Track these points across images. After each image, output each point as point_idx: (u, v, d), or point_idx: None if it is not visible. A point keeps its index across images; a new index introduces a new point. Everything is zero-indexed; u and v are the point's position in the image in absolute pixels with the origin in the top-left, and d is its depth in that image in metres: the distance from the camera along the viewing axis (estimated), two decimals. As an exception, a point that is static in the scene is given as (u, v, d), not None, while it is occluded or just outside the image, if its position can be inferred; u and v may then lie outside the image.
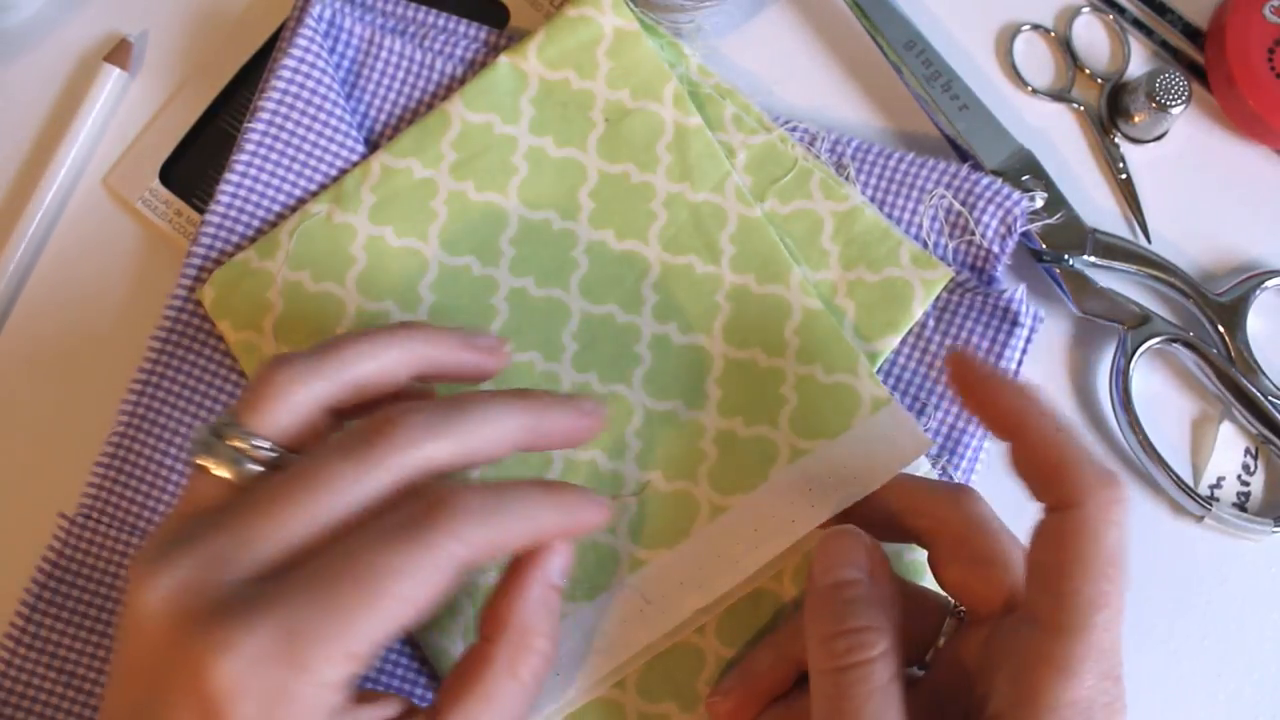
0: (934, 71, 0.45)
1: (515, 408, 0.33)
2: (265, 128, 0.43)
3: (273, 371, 0.32)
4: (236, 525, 0.30)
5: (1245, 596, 0.44)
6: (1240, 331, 0.45)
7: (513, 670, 0.33)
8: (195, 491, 0.32)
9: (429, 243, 0.43)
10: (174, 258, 0.45)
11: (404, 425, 0.31)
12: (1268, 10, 0.46)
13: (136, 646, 0.30)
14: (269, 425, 0.32)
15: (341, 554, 0.30)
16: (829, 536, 0.37)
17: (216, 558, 0.30)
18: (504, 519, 0.31)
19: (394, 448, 0.31)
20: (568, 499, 0.34)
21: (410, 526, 0.30)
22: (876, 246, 0.43)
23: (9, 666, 0.40)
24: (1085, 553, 0.32)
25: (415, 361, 0.34)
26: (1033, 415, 0.34)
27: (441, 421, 0.32)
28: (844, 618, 0.34)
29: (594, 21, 0.44)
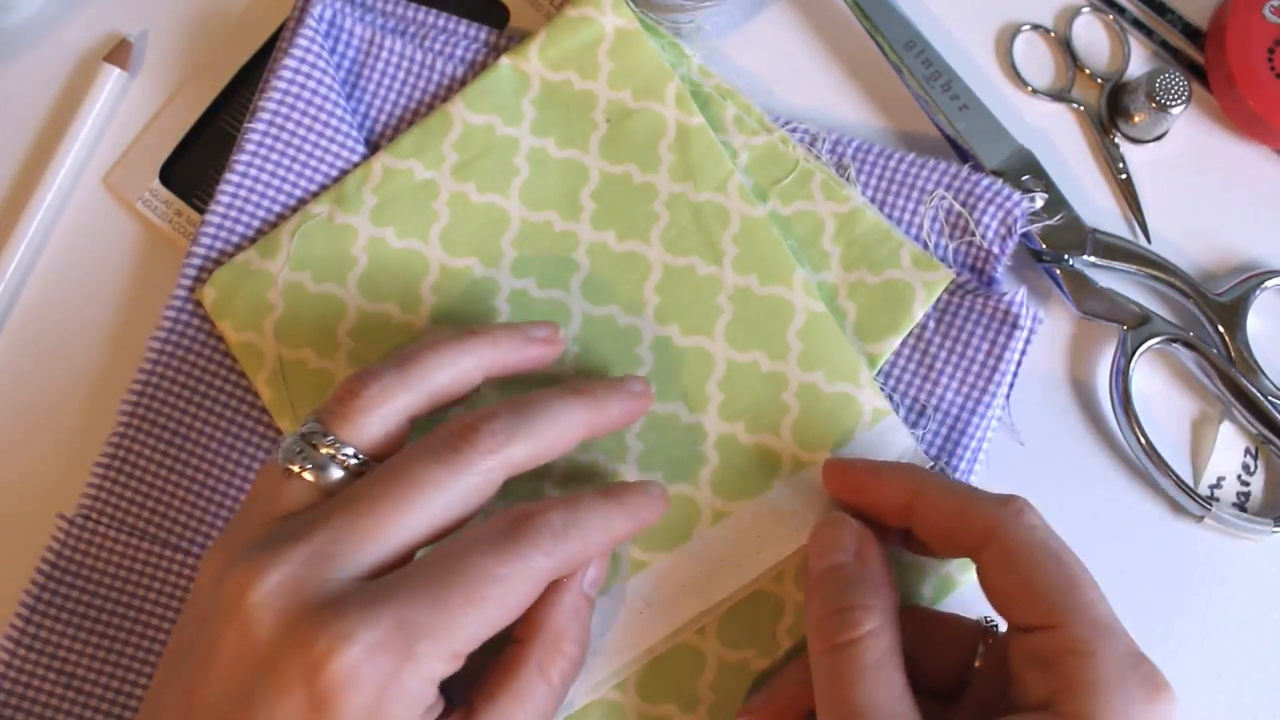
0: (934, 71, 0.45)
1: (578, 405, 0.37)
2: (266, 128, 0.43)
3: (360, 384, 0.35)
4: (339, 523, 0.32)
5: (1245, 596, 0.44)
6: (1240, 331, 0.45)
7: (544, 672, 0.35)
8: (274, 492, 0.34)
9: (430, 244, 0.43)
10: (174, 258, 0.45)
11: (486, 432, 0.34)
12: (1268, 10, 0.46)
13: (239, 635, 0.31)
14: (358, 435, 0.35)
15: (446, 558, 0.32)
16: (817, 527, 0.38)
17: (323, 554, 0.32)
18: (584, 533, 0.34)
19: (479, 453, 0.34)
20: (632, 502, 0.36)
21: (507, 540, 0.33)
22: (878, 248, 0.43)
23: (8, 668, 0.40)
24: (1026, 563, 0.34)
25: (486, 366, 0.37)
26: (923, 479, 0.37)
27: (520, 426, 0.35)
28: (835, 598, 0.35)
29: (595, 22, 0.44)
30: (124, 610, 0.41)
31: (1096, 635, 0.32)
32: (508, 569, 0.32)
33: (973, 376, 0.42)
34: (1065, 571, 0.34)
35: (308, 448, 0.34)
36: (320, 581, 0.31)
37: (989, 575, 0.35)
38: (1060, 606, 0.33)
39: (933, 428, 0.42)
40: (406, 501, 0.33)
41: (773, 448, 0.41)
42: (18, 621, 0.40)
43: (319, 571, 0.32)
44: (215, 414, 0.42)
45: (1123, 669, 0.32)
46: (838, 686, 0.34)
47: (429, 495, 0.33)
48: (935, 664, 0.38)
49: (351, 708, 0.30)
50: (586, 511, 0.35)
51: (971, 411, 0.42)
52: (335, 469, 0.34)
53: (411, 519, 0.33)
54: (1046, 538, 0.34)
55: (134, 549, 0.41)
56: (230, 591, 0.31)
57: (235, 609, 0.31)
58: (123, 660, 0.41)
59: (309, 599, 0.31)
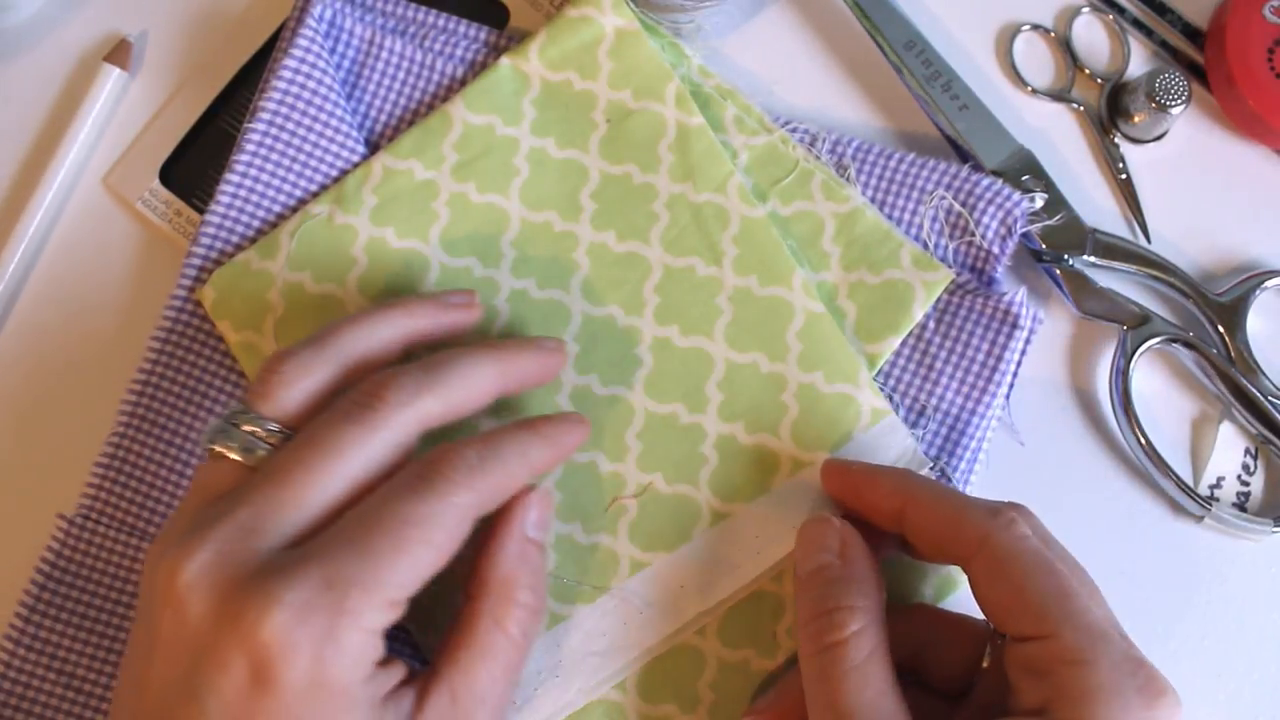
0: (934, 71, 0.45)
1: (487, 359, 0.37)
2: (265, 128, 0.43)
3: (279, 362, 0.35)
4: (259, 497, 0.32)
5: (1245, 596, 0.44)
6: (1240, 331, 0.45)
7: (499, 624, 0.35)
8: (207, 479, 0.34)
9: (430, 244, 0.43)
10: (174, 258, 0.45)
11: (395, 387, 0.34)
12: (1268, 10, 0.46)
13: (175, 621, 0.31)
14: (279, 410, 0.34)
15: (367, 510, 0.32)
16: (803, 527, 0.38)
17: (246, 528, 0.32)
18: (503, 465, 0.34)
19: (390, 407, 0.34)
20: (550, 431, 0.37)
21: (422, 481, 0.33)
22: (877, 248, 0.43)
23: (8, 668, 0.40)
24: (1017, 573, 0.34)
25: (404, 335, 0.37)
26: (916, 486, 0.37)
27: (428, 380, 0.35)
28: (821, 599, 0.35)
29: (595, 22, 0.44)
30: (124, 610, 0.41)
31: (1091, 643, 0.32)
32: (428, 508, 0.32)
33: (973, 377, 0.42)
34: (1057, 580, 0.34)
35: (230, 428, 0.34)
36: (246, 555, 0.31)
37: (980, 585, 0.35)
38: (1053, 616, 0.33)
39: (933, 428, 0.42)
40: (322, 465, 0.33)
41: (772, 449, 0.41)
42: (17, 621, 0.41)
43: (244, 545, 0.31)
44: (215, 414, 0.42)
45: (1119, 676, 0.32)
46: (825, 688, 0.34)
47: (345, 455, 0.33)
48: (943, 664, 0.38)
49: (292, 672, 0.30)
50: (502, 443, 0.35)
51: (971, 412, 0.42)
52: (259, 445, 0.34)
53: (329, 481, 0.33)
54: (1038, 547, 0.34)
55: (134, 549, 0.41)
56: (162, 579, 0.32)
57: (168, 595, 0.31)
58: (122, 660, 0.41)
59: (235, 573, 0.31)
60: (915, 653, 0.38)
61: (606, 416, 0.42)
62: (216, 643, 0.30)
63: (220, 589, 0.31)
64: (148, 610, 0.33)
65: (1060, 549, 0.35)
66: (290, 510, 0.32)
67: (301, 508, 0.32)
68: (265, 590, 0.30)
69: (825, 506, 0.40)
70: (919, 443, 0.42)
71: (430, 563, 0.32)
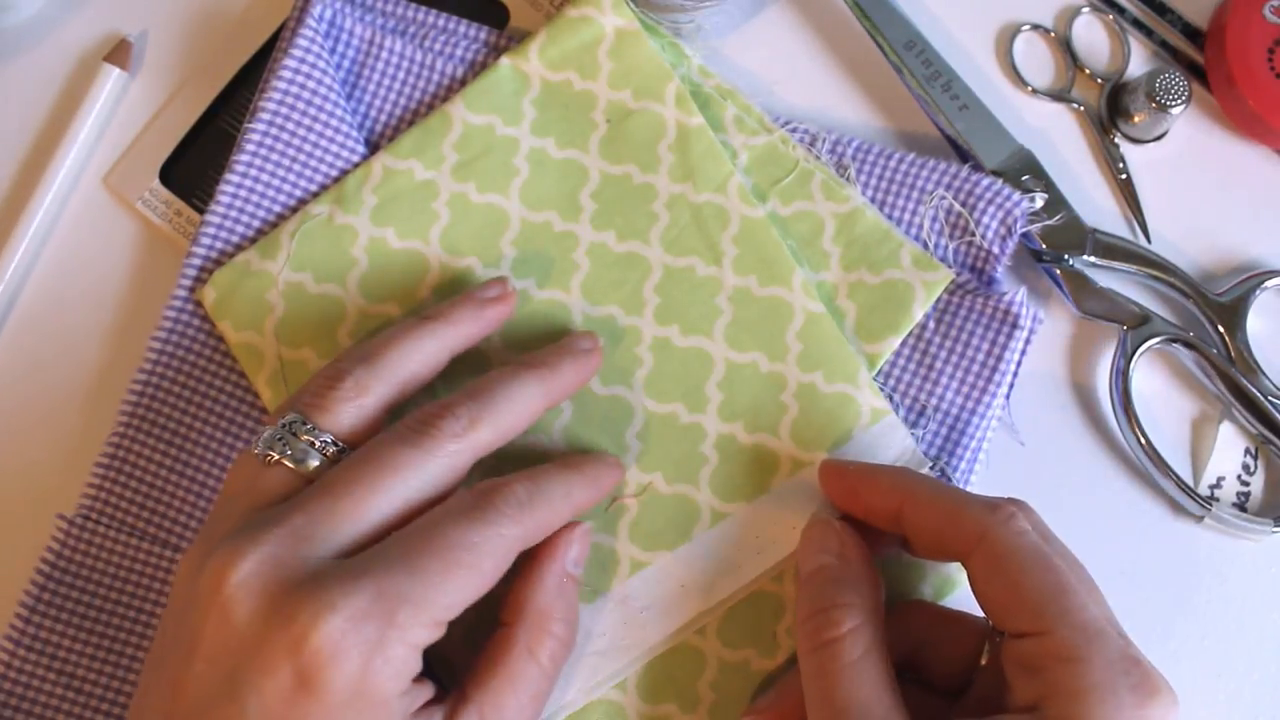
0: (934, 71, 0.45)
1: (532, 379, 0.38)
2: (265, 128, 0.43)
3: (337, 379, 0.36)
4: (315, 506, 0.33)
5: (1245, 596, 0.44)
6: (1240, 331, 0.45)
7: (532, 652, 0.36)
8: (257, 484, 0.35)
9: (431, 244, 0.43)
10: (174, 258, 0.45)
11: (452, 419, 0.35)
12: (1268, 10, 0.46)
13: (220, 621, 0.31)
14: (336, 424, 0.36)
15: (420, 530, 0.33)
16: (805, 529, 0.39)
17: (300, 535, 0.32)
18: (549, 501, 0.36)
19: (447, 438, 0.35)
20: (591, 471, 0.38)
21: (475, 511, 0.34)
22: (877, 248, 0.43)
23: (8, 668, 0.40)
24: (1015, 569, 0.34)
25: (450, 346, 0.39)
26: (914, 484, 0.37)
27: (481, 412, 0.36)
28: (817, 597, 0.36)
29: (595, 22, 0.44)
30: (124, 610, 0.41)
31: (1087, 641, 0.32)
32: (478, 536, 0.33)
33: (973, 376, 0.42)
34: (1054, 576, 0.34)
35: (289, 436, 0.35)
36: (298, 561, 0.32)
37: (978, 581, 0.35)
38: (1049, 613, 0.33)
39: (933, 428, 0.42)
40: (380, 484, 0.34)
41: (771, 448, 0.41)
42: (17, 622, 0.40)
43: (296, 552, 0.32)
44: (215, 414, 0.42)
45: (1113, 674, 0.32)
46: (822, 685, 0.34)
47: (401, 477, 0.34)
48: (941, 661, 0.38)
49: (339, 678, 0.30)
50: (548, 481, 0.36)
51: (972, 411, 0.42)
52: (315, 456, 0.35)
53: (384, 500, 0.34)
54: (1037, 543, 0.34)
55: (134, 549, 0.41)
56: (208, 580, 0.32)
57: (214, 596, 0.31)
58: (122, 660, 0.41)
59: (287, 578, 0.31)
60: (914, 650, 0.38)
61: (607, 416, 0.42)
62: (264, 645, 0.31)
63: (271, 592, 0.31)
64: (187, 609, 0.33)
65: (1060, 545, 0.35)
66: (345, 522, 0.33)
67: (355, 521, 0.33)
68: (318, 596, 0.31)
69: (825, 506, 0.40)
70: (919, 443, 0.42)
71: (476, 589, 0.33)
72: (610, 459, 0.40)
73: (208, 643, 0.31)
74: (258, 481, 0.35)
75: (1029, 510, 0.36)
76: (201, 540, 0.34)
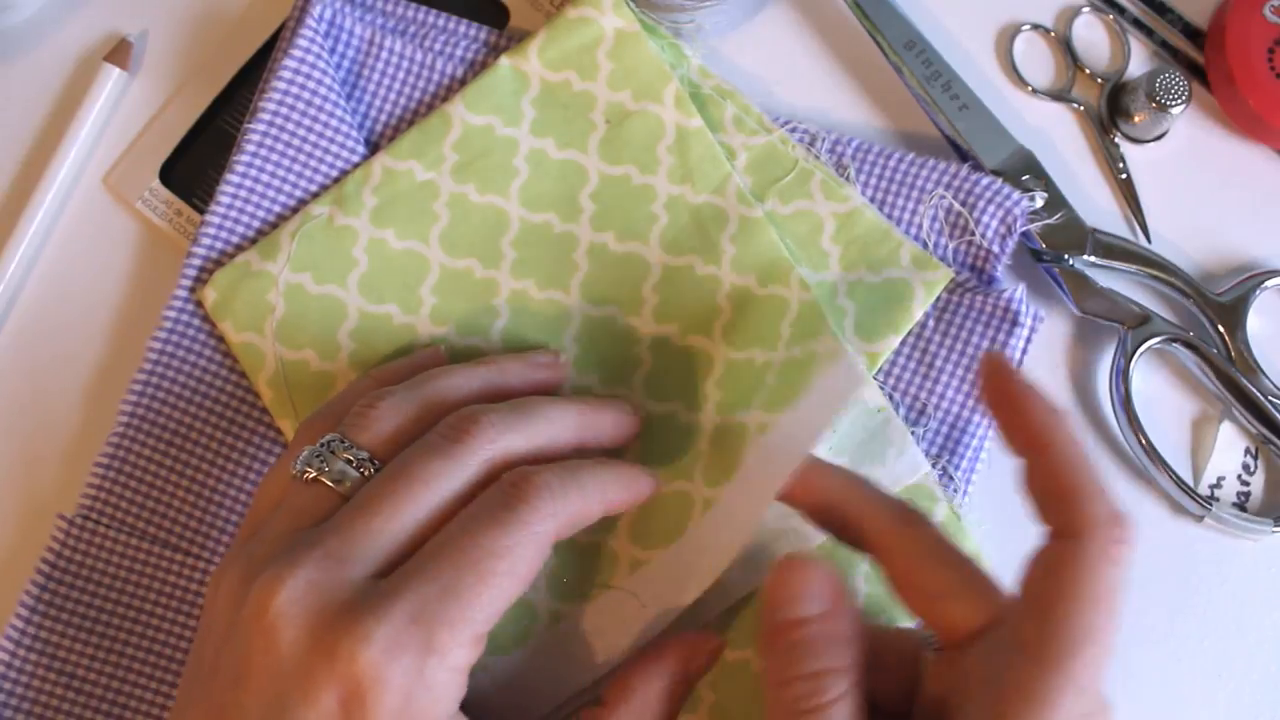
0: (934, 71, 0.45)
1: (572, 409, 0.38)
2: (265, 128, 0.43)
3: (377, 399, 0.36)
4: (349, 526, 0.33)
5: (1245, 596, 0.44)
6: (1240, 331, 0.45)
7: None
8: (296, 503, 0.34)
9: (430, 245, 0.43)
10: (174, 258, 0.45)
11: (485, 423, 0.35)
12: (1268, 10, 0.46)
13: (267, 650, 0.31)
14: (374, 443, 0.35)
15: (450, 541, 0.33)
16: (785, 565, 0.34)
17: (336, 558, 0.32)
18: (582, 493, 0.35)
19: (478, 441, 0.34)
20: (630, 477, 0.37)
21: (504, 509, 0.33)
22: (877, 247, 0.43)
23: (8, 668, 0.40)
24: (1080, 586, 0.31)
25: (492, 388, 0.38)
26: (1060, 437, 0.33)
27: (515, 418, 0.36)
28: (800, 660, 0.33)
29: (595, 22, 0.44)
30: (124, 610, 0.41)
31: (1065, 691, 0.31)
32: (511, 539, 0.33)
33: (973, 375, 0.42)
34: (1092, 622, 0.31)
35: (327, 454, 0.35)
36: (337, 585, 0.32)
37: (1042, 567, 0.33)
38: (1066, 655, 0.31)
39: (933, 426, 0.42)
40: (409, 494, 0.33)
41: (744, 421, 0.41)
42: (17, 622, 0.41)
43: (335, 575, 0.32)
44: (215, 414, 0.42)
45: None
46: None
47: (431, 486, 0.34)
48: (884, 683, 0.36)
49: (382, 708, 0.30)
50: (584, 473, 0.35)
51: (972, 410, 0.42)
52: (352, 474, 0.35)
53: (415, 510, 0.33)
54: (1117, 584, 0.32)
55: (134, 549, 0.41)
56: (252, 607, 0.32)
57: (258, 623, 0.31)
58: (123, 660, 0.41)
59: (328, 604, 0.31)
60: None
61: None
62: (309, 675, 0.30)
63: (313, 620, 0.31)
64: (229, 636, 0.32)
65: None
66: (379, 538, 0.33)
67: (389, 535, 0.33)
68: (355, 627, 0.30)
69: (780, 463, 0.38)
70: (919, 441, 0.42)
71: (514, 592, 0.33)
72: (648, 473, 0.39)
73: (253, 671, 0.31)
74: (295, 499, 0.35)
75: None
76: (240, 560, 0.33)
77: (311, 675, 0.30)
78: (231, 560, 0.34)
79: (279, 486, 0.35)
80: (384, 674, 0.30)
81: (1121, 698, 0.43)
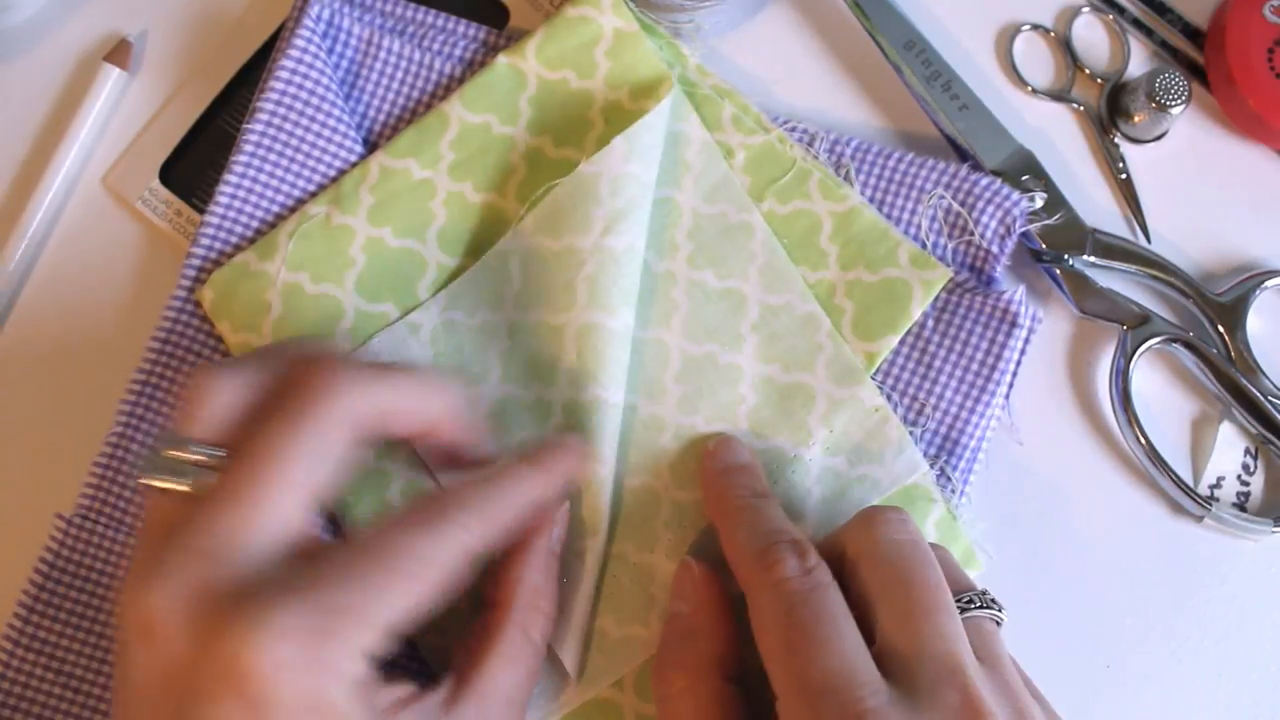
0: (934, 71, 0.45)
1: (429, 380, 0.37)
2: (264, 128, 0.43)
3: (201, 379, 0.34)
4: (210, 523, 0.31)
5: (1245, 596, 0.44)
6: (1240, 331, 0.45)
7: (526, 631, 0.36)
8: (157, 514, 0.33)
9: (428, 244, 0.43)
10: (174, 257, 0.45)
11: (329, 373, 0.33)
12: (1268, 10, 0.46)
13: (155, 659, 0.30)
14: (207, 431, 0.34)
15: (367, 540, 0.32)
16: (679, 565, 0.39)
17: (211, 557, 0.31)
18: (506, 502, 0.35)
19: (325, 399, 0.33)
20: (550, 461, 0.37)
21: (429, 517, 0.33)
22: (875, 247, 0.43)
23: (7, 668, 0.40)
24: (761, 630, 0.34)
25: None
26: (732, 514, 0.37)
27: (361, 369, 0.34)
28: (662, 651, 0.37)
29: (593, 21, 0.44)
30: (122, 610, 0.41)
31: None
32: (427, 546, 0.32)
33: (972, 375, 0.42)
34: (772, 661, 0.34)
35: (158, 457, 0.33)
36: (220, 581, 0.30)
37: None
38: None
39: (931, 426, 0.42)
40: (266, 477, 0.32)
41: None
42: (16, 621, 0.41)
43: (215, 572, 0.31)
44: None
45: None
46: None
47: (286, 463, 0.32)
48: None
49: (286, 696, 0.29)
50: (502, 482, 0.35)
51: (971, 411, 0.42)
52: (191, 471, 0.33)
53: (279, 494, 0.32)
54: (778, 612, 0.34)
55: (132, 549, 0.41)
56: (131, 621, 0.31)
57: (140, 631, 0.30)
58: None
59: (214, 600, 0.30)
60: None
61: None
62: (203, 675, 0.30)
63: (196, 618, 0.30)
64: (123, 650, 0.32)
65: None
66: (252, 529, 0.31)
67: (262, 528, 0.32)
68: (251, 614, 0.29)
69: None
70: (918, 442, 0.42)
71: (427, 598, 0.32)
72: (569, 442, 0.39)
73: (142, 680, 0.31)
74: (154, 511, 0.33)
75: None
76: (126, 582, 0.32)
77: (208, 676, 0.29)
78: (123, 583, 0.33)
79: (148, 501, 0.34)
80: (282, 661, 0.29)
81: (1122, 698, 0.43)
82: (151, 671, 0.30)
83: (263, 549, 0.32)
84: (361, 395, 0.34)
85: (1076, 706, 0.42)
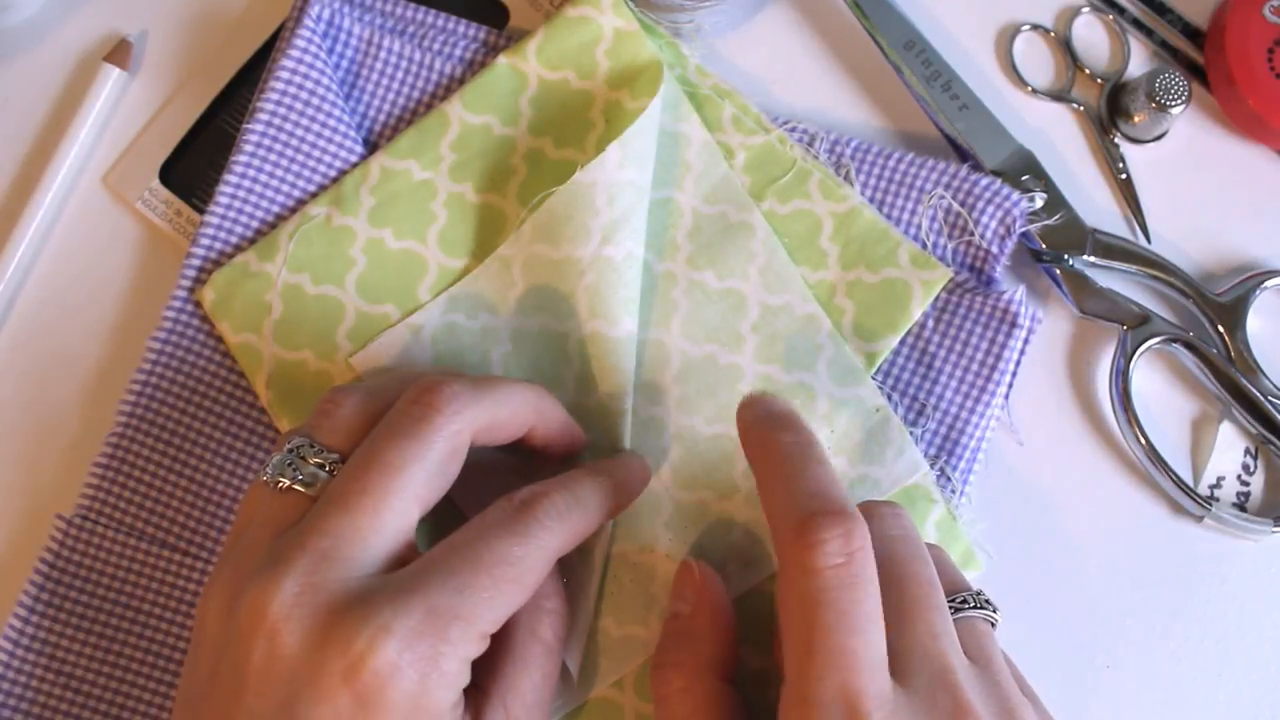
0: (934, 71, 0.45)
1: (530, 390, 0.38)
2: (264, 128, 0.43)
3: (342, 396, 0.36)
4: (333, 525, 0.33)
5: (1245, 596, 0.44)
6: (1240, 331, 0.45)
7: (535, 633, 0.36)
8: (275, 513, 0.34)
9: (428, 245, 0.43)
10: (174, 258, 0.45)
11: (447, 394, 0.35)
12: (1268, 10, 0.46)
13: (271, 652, 0.31)
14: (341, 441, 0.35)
15: (463, 545, 0.33)
16: (680, 565, 0.39)
17: (329, 556, 0.32)
18: (585, 510, 0.36)
19: (442, 416, 0.35)
20: (624, 475, 0.39)
21: (517, 523, 0.34)
22: (875, 247, 0.43)
23: (7, 668, 0.40)
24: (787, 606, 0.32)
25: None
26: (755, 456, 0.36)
27: (474, 389, 0.36)
28: (660, 651, 0.37)
29: (594, 22, 0.44)
30: (122, 610, 0.41)
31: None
32: (522, 550, 0.33)
33: (972, 375, 0.42)
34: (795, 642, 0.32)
35: (297, 460, 0.35)
36: (337, 583, 0.32)
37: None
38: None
39: (932, 426, 0.42)
40: (388, 487, 0.33)
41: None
42: (16, 622, 0.41)
43: (332, 574, 0.32)
44: (214, 414, 0.42)
45: None
46: None
47: (407, 474, 0.34)
48: None
49: (397, 697, 0.31)
50: (586, 489, 0.36)
51: (971, 411, 0.42)
52: (322, 475, 0.35)
53: (398, 503, 0.33)
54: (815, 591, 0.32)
55: (132, 549, 0.41)
56: (247, 614, 0.31)
57: (256, 629, 0.31)
58: (121, 660, 0.41)
59: (331, 601, 0.31)
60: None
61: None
62: (319, 671, 0.31)
63: (319, 618, 0.31)
64: (225, 647, 0.32)
65: None
66: (370, 536, 0.33)
67: (380, 533, 0.33)
68: (371, 618, 0.31)
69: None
70: (918, 442, 0.42)
71: (519, 599, 0.34)
72: (639, 462, 0.40)
73: (256, 676, 0.31)
74: (270, 509, 0.34)
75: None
76: (225, 573, 0.33)
77: (323, 672, 0.30)
78: (217, 575, 0.34)
79: (260, 499, 0.35)
80: (400, 663, 0.30)
81: (1122, 698, 0.43)
82: (261, 663, 0.31)
83: (378, 553, 0.33)
84: (472, 410, 0.35)
85: (1076, 706, 0.42)
